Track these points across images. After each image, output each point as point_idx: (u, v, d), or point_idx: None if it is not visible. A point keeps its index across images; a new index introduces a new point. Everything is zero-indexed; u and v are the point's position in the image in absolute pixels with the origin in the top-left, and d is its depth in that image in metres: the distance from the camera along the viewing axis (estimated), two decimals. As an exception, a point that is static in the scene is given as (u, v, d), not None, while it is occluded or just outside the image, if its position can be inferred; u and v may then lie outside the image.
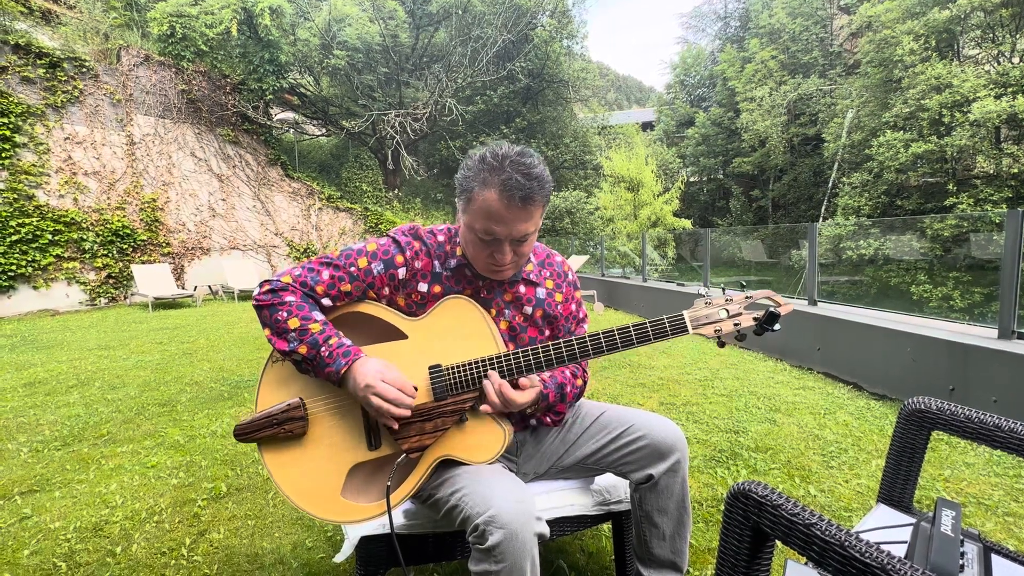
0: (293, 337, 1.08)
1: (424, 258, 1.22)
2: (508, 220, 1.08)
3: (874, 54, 14.04)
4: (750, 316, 1.09)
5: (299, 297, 1.12)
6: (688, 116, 25.67)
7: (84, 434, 2.96)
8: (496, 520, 0.98)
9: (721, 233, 12.35)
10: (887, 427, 2.86)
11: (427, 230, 1.27)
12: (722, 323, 1.09)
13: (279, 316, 1.10)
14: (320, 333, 1.09)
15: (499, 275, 1.19)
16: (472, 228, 1.12)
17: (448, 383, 1.13)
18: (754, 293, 1.11)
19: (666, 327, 1.09)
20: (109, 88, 10.47)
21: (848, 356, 3.92)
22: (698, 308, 1.12)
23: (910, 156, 12.41)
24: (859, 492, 2.15)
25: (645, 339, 1.10)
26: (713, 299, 1.11)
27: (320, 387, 1.17)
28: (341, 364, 1.07)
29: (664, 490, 1.27)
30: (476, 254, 1.16)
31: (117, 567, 1.72)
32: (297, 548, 1.80)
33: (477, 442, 1.14)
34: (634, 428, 1.28)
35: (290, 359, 1.12)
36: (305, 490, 1.14)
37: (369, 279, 1.18)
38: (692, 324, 1.10)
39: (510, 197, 1.07)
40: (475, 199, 1.10)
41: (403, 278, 1.20)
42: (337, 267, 1.16)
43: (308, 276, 1.15)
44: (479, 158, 1.12)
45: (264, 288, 1.13)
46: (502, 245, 1.12)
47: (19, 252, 9.12)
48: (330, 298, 1.16)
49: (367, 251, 1.19)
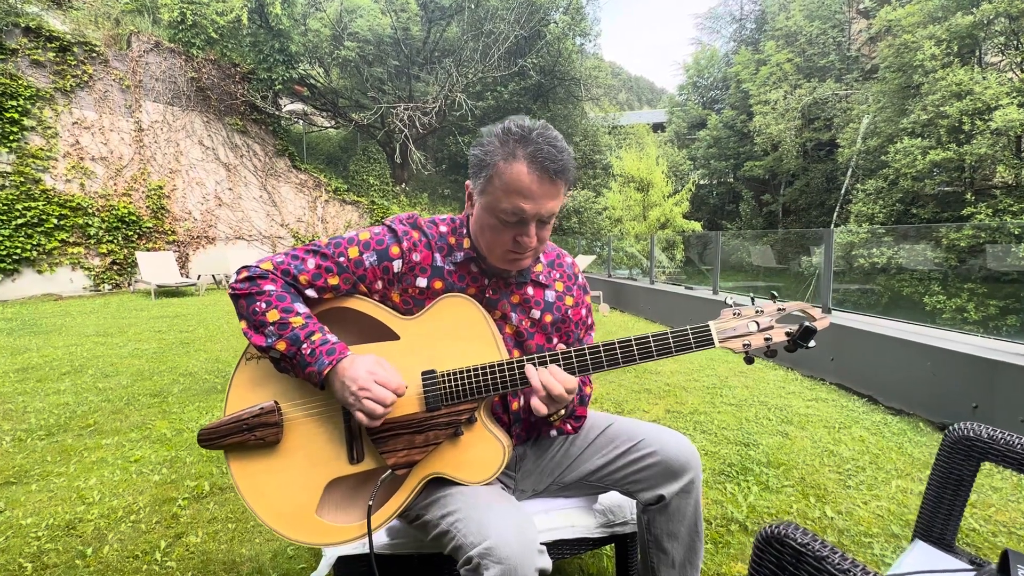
0: (271, 331, 0.96)
1: (423, 250, 1.09)
2: (538, 196, 0.97)
3: (893, 59, 13.75)
4: (782, 330, 0.97)
5: (280, 287, 1.01)
6: (700, 118, 25.40)
7: (70, 424, 2.87)
8: (493, 553, 0.86)
9: (731, 236, 12.17)
10: (906, 445, 2.72)
11: (428, 220, 1.15)
12: (751, 337, 0.97)
13: (257, 307, 0.98)
14: (302, 328, 0.97)
15: (518, 264, 1.07)
16: (494, 210, 0.99)
17: (443, 392, 1.01)
18: (787, 304, 0.99)
19: (689, 339, 0.97)
20: (118, 74, 10.44)
21: (863, 368, 3.77)
22: (725, 319, 0.99)
23: (927, 164, 12.14)
24: (879, 516, 2.01)
25: (666, 351, 0.98)
26: (742, 309, 0.99)
27: (298, 390, 1.05)
28: (324, 363, 0.95)
29: (675, 513, 1.15)
30: (495, 241, 1.03)
31: (85, 570, 1.61)
32: (277, 557, 1.69)
33: (473, 459, 1.02)
34: (645, 443, 1.16)
35: (268, 356, 1.00)
36: (275, 507, 1.02)
37: (360, 271, 1.05)
38: (719, 336, 0.97)
39: (543, 169, 0.96)
40: (500, 174, 0.97)
41: (399, 271, 1.08)
42: (324, 256, 1.04)
43: (291, 264, 1.03)
44: (501, 130, 1.00)
45: (241, 275, 1.01)
46: (528, 226, 1.00)
47: (24, 236, 9.11)
48: (315, 289, 1.04)
49: (359, 240, 1.07)
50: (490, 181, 0.99)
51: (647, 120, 27.35)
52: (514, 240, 1.01)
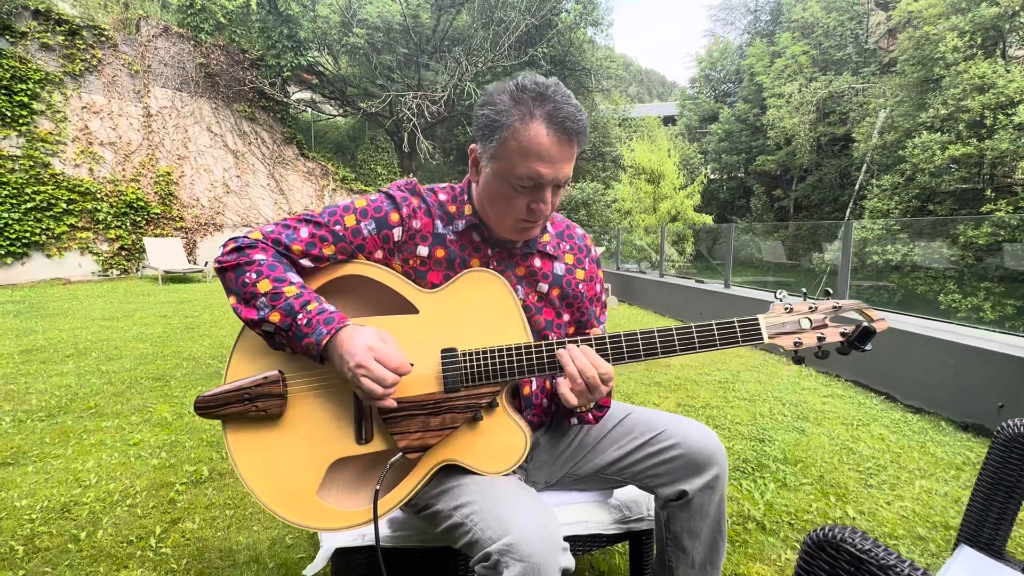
0: (263, 303, 0.88)
1: (423, 217, 1.02)
2: (557, 159, 0.90)
3: (913, 51, 13.40)
4: (837, 330, 0.90)
5: (271, 256, 0.93)
6: (712, 111, 25.00)
7: (71, 406, 2.83)
8: (515, 550, 0.78)
9: (742, 231, 11.97)
10: (928, 444, 2.61)
11: (426, 188, 1.07)
12: (803, 335, 0.89)
13: (246, 278, 0.90)
14: (296, 297, 0.89)
15: (528, 233, 0.99)
16: (507, 175, 0.91)
17: (463, 372, 0.93)
18: (843, 302, 0.91)
19: (736, 332, 0.89)
20: (127, 58, 10.39)
21: (881, 364, 3.65)
22: (775, 314, 0.92)
23: (946, 159, 11.85)
24: (904, 517, 1.91)
25: (709, 344, 0.91)
26: (794, 304, 0.91)
27: (304, 362, 0.97)
28: (322, 334, 0.86)
29: (698, 510, 1.07)
30: (507, 209, 0.95)
31: (78, 555, 1.56)
32: (275, 546, 1.63)
33: (491, 447, 0.94)
34: (666, 435, 1.08)
35: (260, 331, 0.92)
36: (274, 485, 0.94)
37: (358, 240, 0.98)
38: (768, 332, 0.89)
39: (563, 130, 0.88)
40: (517, 136, 0.89)
41: (399, 240, 1.00)
42: (319, 225, 0.96)
43: (282, 233, 0.95)
44: (514, 87, 0.91)
45: (228, 247, 0.93)
46: (544, 192, 0.93)
47: (34, 219, 9.13)
48: (309, 259, 0.96)
49: (355, 208, 0.99)
50: (504, 144, 0.90)
51: (658, 113, 27.00)
52: (528, 208, 0.94)
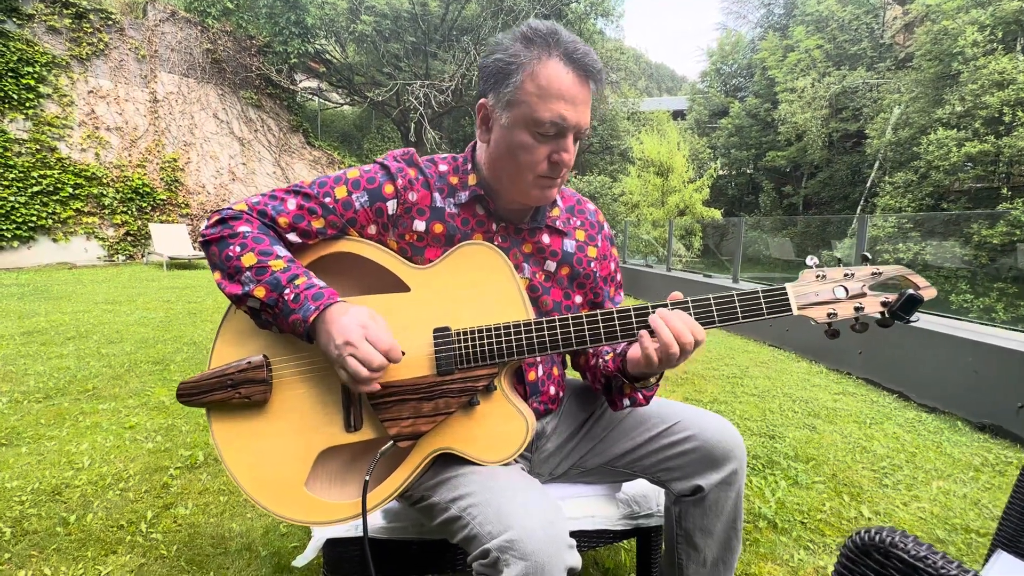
0: (248, 278, 0.82)
1: (421, 189, 0.94)
2: (579, 100, 0.83)
3: (930, 46, 13.12)
4: (877, 300, 0.80)
5: (256, 228, 0.86)
6: (722, 106, 24.68)
7: (69, 388, 2.79)
8: (516, 546, 0.72)
9: (753, 225, 11.81)
10: (945, 444, 2.53)
11: (425, 158, 0.99)
12: (838, 305, 0.80)
13: (230, 251, 0.83)
14: (283, 271, 0.82)
15: (548, 193, 0.91)
16: (527, 122, 0.83)
17: (457, 353, 0.86)
18: (884, 268, 0.81)
19: (761, 304, 0.81)
20: (134, 43, 10.34)
21: (894, 362, 3.56)
22: (806, 282, 0.82)
23: (962, 156, 11.63)
24: (922, 519, 1.84)
25: (729, 317, 0.82)
26: (827, 271, 0.82)
27: (292, 344, 0.91)
28: (310, 309, 0.80)
29: (713, 506, 1.00)
30: (527, 163, 0.86)
31: (66, 538, 1.52)
32: (269, 534, 1.58)
33: (489, 434, 0.87)
34: (681, 426, 1.01)
35: (246, 308, 0.86)
36: (260, 476, 0.89)
37: (349, 214, 0.90)
38: (798, 302, 0.81)
39: (582, 67, 0.82)
40: (535, 77, 0.82)
41: (394, 213, 0.92)
42: (307, 196, 0.89)
43: (269, 204, 0.88)
44: (520, 33, 0.84)
45: (212, 219, 0.87)
46: (567, 138, 0.85)
47: (40, 203, 9.13)
48: (297, 233, 0.89)
49: (347, 179, 0.92)
50: (521, 88, 0.82)
51: (667, 107, 26.66)
52: (549, 160, 0.86)
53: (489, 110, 0.88)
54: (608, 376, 0.97)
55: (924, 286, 0.78)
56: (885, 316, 0.80)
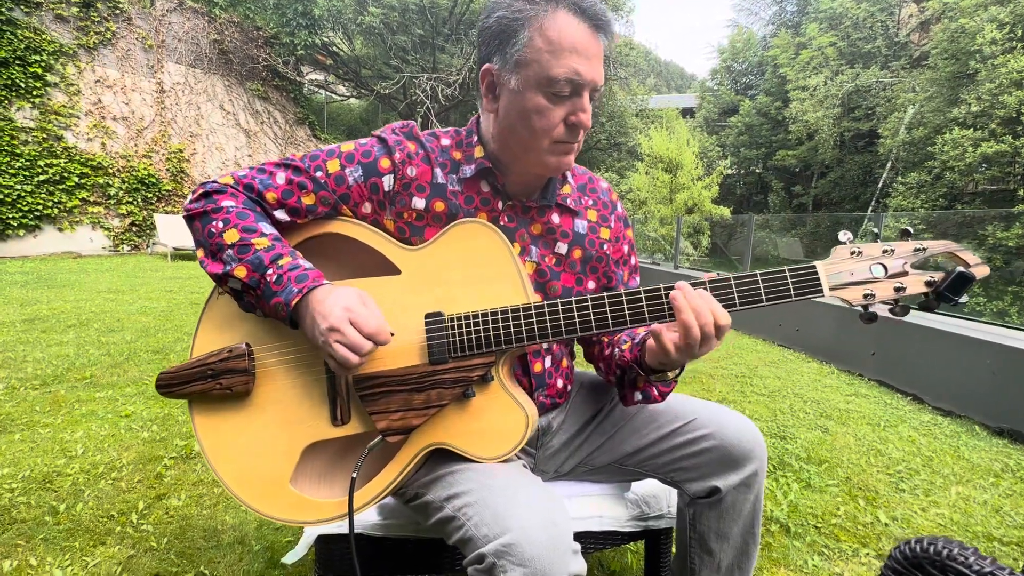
0: (230, 256, 0.76)
1: (421, 164, 0.87)
2: (592, 52, 0.77)
3: (947, 44, 12.89)
4: (920, 279, 0.72)
5: (241, 203, 0.80)
6: (732, 104, 24.44)
7: (66, 375, 2.76)
8: (515, 551, 0.65)
9: (762, 225, 11.65)
10: (963, 449, 2.44)
11: (427, 132, 0.92)
12: (876, 285, 0.72)
13: (213, 227, 0.77)
14: (267, 250, 0.76)
15: (565, 160, 0.83)
16: (539, 82, 0.77)
17: (451, 341, 0.79)
18: (929, 244, 0.72)
19: (787, 284, 0.73)
20: (141, 32, 10.32)
21: (908, 364, 3.46)
22: (839, 259, 0.74)
23: (978, 156, 11.42)
24: (941, 525, 1.76)
25: (753, 299, 0.74)
26: (864, 248, 0.74)
27: (276, 332, 0.85)
28: (292, 292, 0.74)
29: (730, 509, 0.94)
30: (542, 127, 0.79)
31: (55, 528, 1.47)
32: (263, 527, 1.52)
33: (486, 428, 0.80)
34: (698, 423, 0.94)
35: (227, 289, 0.80)
36: (243, 472, 0.83)
37: (341, 189, 0.84)
38: (829, 283, 0.73)
39: (592, 17, 0.76)
40: (544, 32, 0.75)
41: (390, 190, 0.86)
42: (298, 170, 0.83)
43: (256, 178, 0.82)
44: None
45: (196, 193, 0.81)
46: (583, 96, 0.78)
47: (46, 192, 9.14)
48: (285, 210, 0.83)
49: (341, 152, 0.85)
50: (530, 45, 0.76)
51: (676, 104, 26.45)
52: (566, 123, 0.79)
53: (495, 75, 0.81)
54: (624, 367, 0.90)
55: (975, 263, 0.69)
56: (929, 297, 0.71)
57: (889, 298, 0.72)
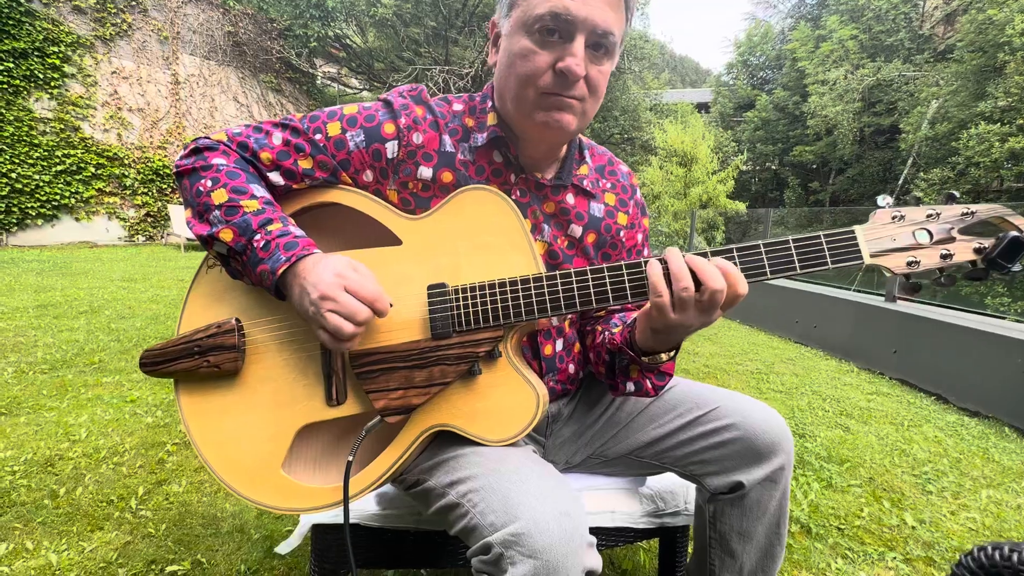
0: (217, 217, 0.70)
1: (429, 130, 0.81)
2: None
3: (974, 36, 12.48)
4: (969, 245, 0.64)
5: (232, 161, 0.74)
6: (748, 99, 24.00)
7: (75, 360, 2.76)
8: (525, 542, 0.59)
9: (777, 221, 11.42)
10: (992, 450, 2.33)
11: (438, 96, 0.86)
12: (921, 252, 0.65)
13: (201, 185, 0.72)
14: (256, 214, 0.70)
15: (558, 118, 0.74)
16: (526, 24, 0.70)
17: (455, 314, 0.73)
18: (977, 207, 0.65)
19: (823, 251, 0.66)
20: (157, 24, 10.38)
21: (932, 363, 3.34)
22: (880, 224, 0.67)
23: (1005, 152, 11.06)
24: (972, 530, 1.67)
25: (785, 266, 0.67)
26: (906, 212, 0.66)
27: (267, 306, 0.79)
28: (279, 260, 0.68)
29: (754, 506, 0.87)
30: (529, 75, 0.72)
31: (54, 512, 1.44)
32: (263, 516, 1.49)
33: (493, 408, 0.74)
34: (720, 412, 0.87)
35: (214, 253, 0.75)
36: (231, 456, 0.78)
37: (341, 154, 0.78)
38: (870, 249, 0.66)
39: None
40: None
41: (394, 157, 0.79)
42: (296, 131, 0.77)
43: (251, 137, 0.76)
44: None
45: (188, 149, 0.75)
46: (573, 43, 0.70)
47: (63, 183, 9.25)
48: (281, 173, 0.77)
49: (343, 115, 0.79)
50: None
51: (691, 99, 26.10)
52: (554, 71, 0.71)
53: (496, 23, 0.76)
54: (614, 351, 0.82)
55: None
56: (978, 265, 0.64)
57: (935, 266, 0.64)
